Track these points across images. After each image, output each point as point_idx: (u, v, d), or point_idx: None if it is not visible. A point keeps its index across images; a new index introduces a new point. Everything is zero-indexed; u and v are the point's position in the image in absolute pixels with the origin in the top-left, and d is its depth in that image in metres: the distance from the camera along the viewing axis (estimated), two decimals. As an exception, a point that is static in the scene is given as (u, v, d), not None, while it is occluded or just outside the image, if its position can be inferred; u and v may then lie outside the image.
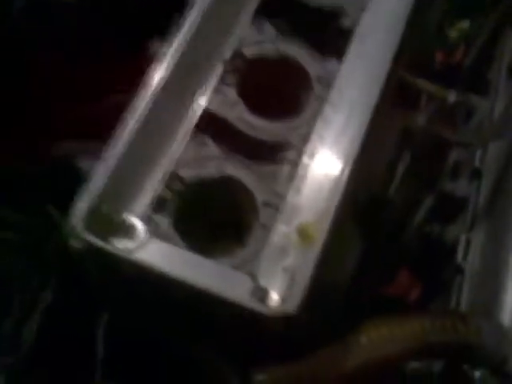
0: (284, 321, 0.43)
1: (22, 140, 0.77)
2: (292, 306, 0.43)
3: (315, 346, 0.50)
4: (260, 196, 0.52)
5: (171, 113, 0.53)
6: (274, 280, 0.47)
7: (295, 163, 0.54)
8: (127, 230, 0.47)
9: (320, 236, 0.46)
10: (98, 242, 0.45)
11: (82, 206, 0.46)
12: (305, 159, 0.54)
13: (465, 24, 0.98)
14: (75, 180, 0.53)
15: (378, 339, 0.54)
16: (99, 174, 0.47)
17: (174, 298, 0.49)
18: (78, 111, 0.74)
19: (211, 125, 0.55)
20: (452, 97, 0.65)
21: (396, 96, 0.62)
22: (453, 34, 0.96)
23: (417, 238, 0.75)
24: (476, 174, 0.78)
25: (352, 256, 0.54)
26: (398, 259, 0.72)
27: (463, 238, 0.75)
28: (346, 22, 0.62)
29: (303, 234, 0.46)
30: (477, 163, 0.79)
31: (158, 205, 0.50)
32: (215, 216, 0.53)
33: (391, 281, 0.73)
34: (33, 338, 0.74)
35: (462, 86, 0.85)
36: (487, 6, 0.96)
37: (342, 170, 0.51)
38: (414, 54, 0.66)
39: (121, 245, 0.46)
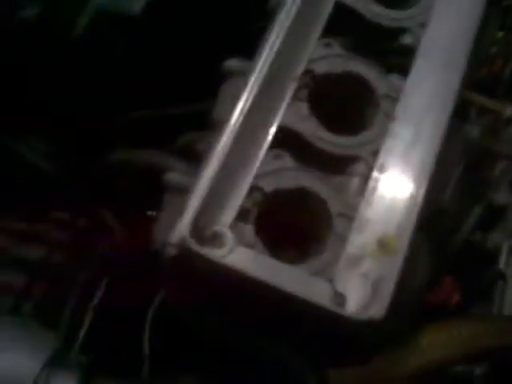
0: (367, 325, 0.47)
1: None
2: (377, 313, 0.47)
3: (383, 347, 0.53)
4: (334, 207, 0.56)
5: (253, 130, 0.56)
6: (351, 286, 0.51)
7: (365, 176, 0.58)
8: (218, 239, 0.51)
9: (401, 248, 0.50)
10: (198, 249, 0.48)
11: (185, 219, 0.50)
12: (375, 173, 0.57)
13: (500, 34, 1.02)
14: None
15: (438, 342, 0.58)
16: (197, 191, 0.51)
17: (258, 300, 0.52)
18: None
19: (286, 139, 0.59)
20: (509, 111, 0.68)
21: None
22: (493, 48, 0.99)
23: (461, 246, 0.78)
24: (517, 184, 0.82)
25: (423, 264, 0.58)
26: (443, 266, 0.75)
27: (506, 245, 0.78)
28: (407, 39, 0.66)
29: (384, 246, 0.50)
30: (519, 172, 0.82)
31: (243, 215, 0.54)
32: (293, 224, 0.57)
33: (435, 286, 0.76)
34: (85, 334, 0.78)
35: (503, 94, 0.89)
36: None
37: (418, 185, 0.55)
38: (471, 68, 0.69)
39: (213, 252, 0.50)
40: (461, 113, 0.71)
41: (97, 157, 0.88)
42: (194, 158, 0.67)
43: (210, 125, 0.65)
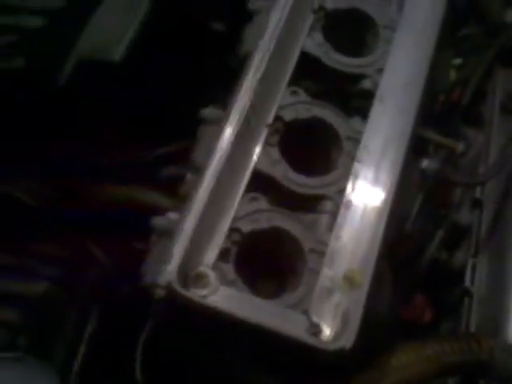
0: (338, 354, 0.52)
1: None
2: (347, 342, 0.52)
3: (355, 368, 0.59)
4: (306, 243, 0.62)
5: (230, 175, 0.62)
6: (325, 317, 0.57)
7: (333, 213, 0.64)
8: (202, 280, 0.56)
9: (365, 280, 0.55)
10: (184, 292, 0.53)
11: (172, 263, 0.55)
12: (342, 210, 0.63)
13: (457, 61, 1.09)
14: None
15: (406, 361, 0.63)
16: (181, 237, 0.56)
17: (239, 334, 0.57)
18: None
19: (260, 182, 0.64)
20: (460, 147, 0.75)
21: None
22: (451, 74, 1.06)
23: (428, 264, 0.84)
24: (477, 204, 0.88)
25: (387, 288, 0.63)
26: (412, 285, 0.81)
27: (470, 263, 0.84)
28: (366, 84, 0.72)
29: (350, 279, 0.55)
30: (477, 194, 0.89)
31: (223, 255, 0.59)
32: (270, 260, 0.62)
33: (406, 304, 0.82)
34: (79, 366, 0.82)
35: (459, 121, 0.95)
36: (479, 47, 1.06)
37: (378, 220, 0.61)
38: (426, 103, 0.75)
39: (198, 292, 0.55)
40: (419, 148, 0.78)
41: (84, 192, 0.93)
42: (176, 190, 0.73)
43: (189, 166, 0.70)
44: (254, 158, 0.65)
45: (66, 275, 0.90)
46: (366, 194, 0.64)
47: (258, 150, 0.65)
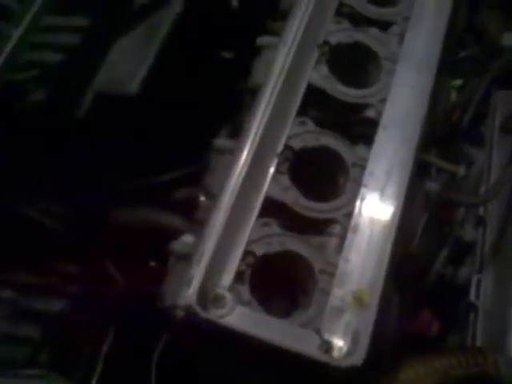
0: (350, 370, 0.55)
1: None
2: (358, 359, 0.56)
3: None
4: (316, 265, 0.66)
5: (244, 202, 0.66)
6: (336, 335, 0.60)
7: (341, 236, 0.68)
8: (219, 301, 0.59)
9: (374, 300, 0.59)
10: (203, 313, 0.57)
11: (192, 286, 0.59)
12: (349, 233, 0.67)
13: (457, 82, 1.13)
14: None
15: (414, 376, 0.67)
16: (200, 262, 0.61)
17: (254, 353, 0.61)
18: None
19: (272, 208, 0.68)
20: (461, 171, 0.78)
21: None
22: (452, 95, 1.10)
23: (434, 280, 0.87)
24: (481, 222, 0.91)
25: (394, 306, 0.67)
26: (419, 300, 0.84)
27: (475, 279, 0.87)
28: (370, 113, 0.76)
29: (359, 299, 0.59)
30: (481, 212, 0.92)
31: (239, 277, 0.63)
32: (282, 281, 0.66)
33: (414, 319, 0.85)
34: (97, 381, 0.85)
35: (461, 141, 0.99)
36: (479, 68, 1.10)
37: (385, 241, 0.65)
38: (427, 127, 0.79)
39: (216, 313, 0.59)
40: (422, 171, 0.82)
41: (100, 214, 0.97)
42: (189, 212, 0.77)
43: (203, 191, 0.74)
44: (266, 185, 0.69)
45: (85, 294, 0.94)
46: (373, 217, 0.68)
47: (269, 177, 0.69)
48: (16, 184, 0.89)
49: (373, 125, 0.75)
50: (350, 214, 0.68)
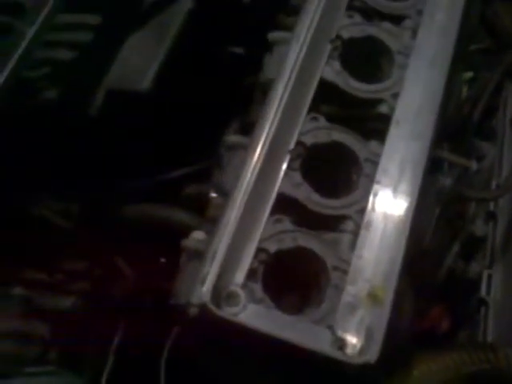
0: (364, 367, 0.55)
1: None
2: (372, 356, 0.56)
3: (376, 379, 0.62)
4: (329, 261, 0.65)
5: (257, 199, 0.66)
6: (349, 332, 0.60)
7: (354, 232, 0.67)
8: (233, 299, 0.59)
9: (387, 297, 0.59)
10: (217, 311, 0.58)
11: (206, 283, 0.59)
12: (363, 229, 0.67)
13: (468, 75, 1.12)
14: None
15: (427, 372, 0.67)
16: (214, 259, 0.61)
17: (268, 350, 0.61)
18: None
19: (284, 204, 0.68)
20: (473, 165, 0.78)
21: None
22: (463, 88, 1.09)
23: (445, 275, 0.86)
24: (491, 217, 0.91)
25: (408, 303, 0.67)
26: (431, 296, 0.84)
27: (485, 274, 0.87)
28: (383, 108, 0.75)
29: (373, 296, 0.59)
30: (491, 207, 0.92)
31: (252, 274, 0.63)
32: (295, 277, 0.66)
33: (425, 314, 0.85)
34: (107, 377, 0.86)
35: (472, 135, 0.98)
36: (490, 61, 1.09)
37: (399, 238, 0.64)
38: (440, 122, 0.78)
39: (229, 311, 0.59)
40: (434, 167, 0.81)
41: (110, 211, 0.97)
42: (200, 207, 0.77)
43: (215, 188, 0.74)
44: (278, 181, 0.69)
45: (95, 290, 0.95)
46: (386, 213, 0.67)
47: (281, 174, 0.69)
48: (26, 182, 0.90)
49: (385, 120, 0.74)
50: (362, 211, 0.68)
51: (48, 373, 0.86)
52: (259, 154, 0.68)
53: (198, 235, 0.70)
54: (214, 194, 0.74)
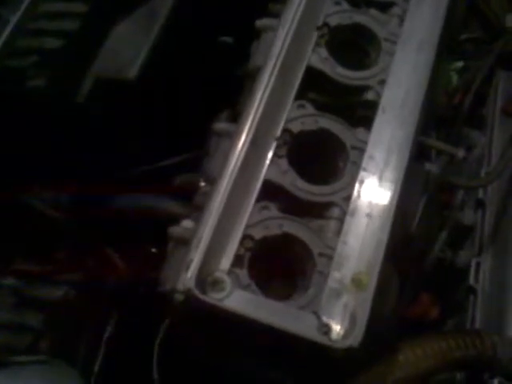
0: (347, 351, 0.56)
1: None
2: (355, 340, 0.56)
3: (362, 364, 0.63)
4: (315, 248, 0.66)
5: (242, 185, 0.66)
6: (334, 317, 0.61)
7: (340, 219, 0.68)
8: (218, 284, 0.60)
9: (371, 282, 0.59)
10: (202, 296, 0.58)
11: (191, 270, 0.59)
12: (348, 216, 0.67)
13: (459, 64, 1.12)
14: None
15: (413, 357, 0.67)
16: (199, 245, 0.61)
17: (253, 335, 0.61)
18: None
19: (270, 191, 0.68)
20: (460, 153, 0.78)
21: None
22: (453, 77, 1.09)
23: (433, 263, 0.87)
24: (480, 205, 0.91)
25: (393, 289, 0.67)
26: (419, 283, 0.84)
27: (474, 262, 0.87)
28: (370, 95, 0.75)
29: (357, 282, 0.59)
30: (480, 195, 0.92)
31: (237, 261, 0.64)
32: (281, 264, 0.66)
33: (413, 302, 0.85)
34: (99, 367, 0.86)
35: (462, 124, 0.98)
36: (480, 50, 1.09)
37: (383, 224, 0.65)
38: (427, 110, 0.78)
39: (215, 296, 0.59)
40: (422, 153, 0.81)
41: (101, 201, 0.97)
42: (190, 195, 0.77)
43: (203, 176, 0.74)
44: (264, 168, 0.69)
45: (87, 281, 0.95)
46: (371, 200, 0.68)
47: (267, 161, 0.69)
48: (16, 173, 0.90)
49: (373, 107, 0.74)
50: (349, 198, 0.68)
51: (40, 362, 0.86)
52: (245, 141, 0.68)
53: (186, 224, 0.70)
54: (202, 183, 0.74)
